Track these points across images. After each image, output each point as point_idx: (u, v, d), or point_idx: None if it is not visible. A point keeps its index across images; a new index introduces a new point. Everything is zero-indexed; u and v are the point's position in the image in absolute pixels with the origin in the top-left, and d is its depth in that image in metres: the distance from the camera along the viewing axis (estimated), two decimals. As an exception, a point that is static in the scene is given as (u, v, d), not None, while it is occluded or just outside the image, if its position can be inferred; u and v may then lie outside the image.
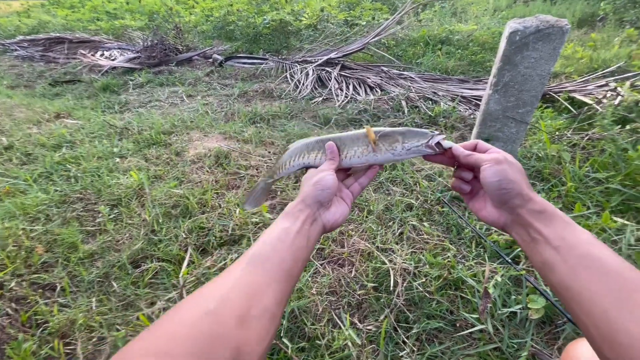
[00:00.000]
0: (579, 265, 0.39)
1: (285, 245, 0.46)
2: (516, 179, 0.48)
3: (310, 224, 0.50)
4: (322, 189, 0.53)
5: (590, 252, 0.39)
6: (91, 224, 1.43)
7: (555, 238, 0.42)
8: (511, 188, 0.48)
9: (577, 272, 0.39)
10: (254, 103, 2.89)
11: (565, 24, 1.33)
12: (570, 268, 0.40)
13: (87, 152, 1.95)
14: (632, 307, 0.34)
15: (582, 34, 4.57)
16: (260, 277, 0.41)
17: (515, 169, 0.49)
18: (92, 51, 4.61)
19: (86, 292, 1.14)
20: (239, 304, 0.37)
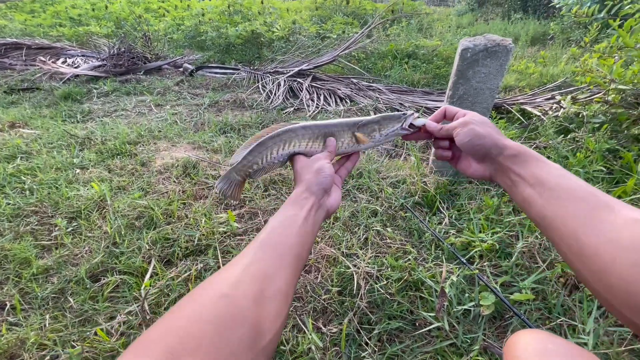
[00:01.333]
0: (551, 196, 0.44)
1: (293, 231, 0.48)
2: (486, 133, 0.54)
3: (315, 211, 0.53)
4: (325, 176, 0.57)
5: (560, 183, 0.45)
6: (47, 238, 1.37)
7: (531, 177, 0.48)
8: (483, 142, 0.54)
9: (550, 203, 0.44)
10: (224, 113, 2.88)
11: (509, 43, 1.46)
12: (545, 200, 0.45)
13: (45, 163, 1.86)
14: (595, 223, 0.39)
15: (534, 51, 4.96)
16: (271, 262, 0.43)
17: (482, 124, 0.55)
18: (53, 58, 4.41)
19: (39, 309, 1.08)
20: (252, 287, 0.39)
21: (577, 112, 1.97)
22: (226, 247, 1.32)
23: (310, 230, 0.51)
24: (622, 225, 0.37)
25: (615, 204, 0.40)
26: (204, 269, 1.21)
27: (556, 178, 0.45)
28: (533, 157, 0.50)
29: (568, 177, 0.45)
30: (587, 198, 0.41)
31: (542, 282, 1.10)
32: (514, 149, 0.52)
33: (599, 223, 0.38)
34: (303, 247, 0.48)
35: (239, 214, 1.52)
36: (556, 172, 0.47)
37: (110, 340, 0.96)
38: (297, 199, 0.53)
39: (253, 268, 0.41)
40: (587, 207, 0.40)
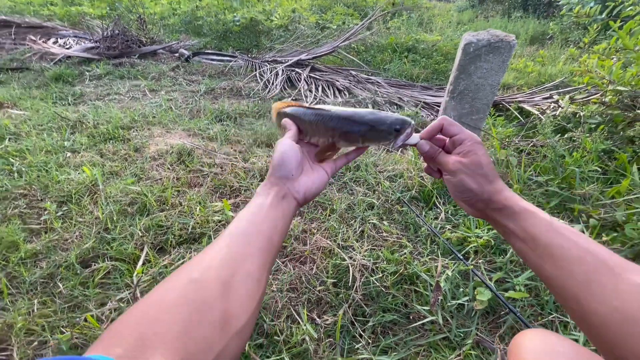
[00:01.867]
0: (544, 254, 0.41)
1: (260, 217, 0.47)
2: (474, 186, 0.49)
3: (282, 198, 0.50)
4: (279, 163, 0.52)
5: (552, 240, 0.41)
6: (36, 222, 1.34)
7: (520, 231, 0.45)
8: (470, 196, 0.50)
9: (544, 261, 0.41)
10: (221, 101, 2.83)
11: (513, 39, 1.45)
12: (538, 257, 0.42)
13: (34, 146, 1.81)
14: (596, 289, 0.36)
15: (533, 50, 4.96)
16: (240, 247, 0.42)
17: (475, 172, 0.49)
18: (43, 38, 4.27)
19: (27, 294, 1.06)
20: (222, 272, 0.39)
21: (574, 112, 1.97)
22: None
23: (281, 215, 0.49)
24: (627, 292, 0.34)
25: (615, 264, 0.37)
26: (198, 257, 1.20)
27: (548, 233, 0.42)
28: (523, 210, 0.46)
29: (560, 233, 0.42)
30: (584, 258, 0.38)
31: (535, 279, 1.11)
32: (501, 202, 0.48)
33: (601, 289, 0.36)
34: (274, 231, 0.47)
35: (234, 203, 1.50)
36: (547, 226, 0.43)
37: (101, 327, 0.95)
38: (262, 190, 0.52)
39: (222, 253, 0.41)
40: (585, 269, 0.38)
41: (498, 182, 0.49)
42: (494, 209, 0.48)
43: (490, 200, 0.48)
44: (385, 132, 0.53)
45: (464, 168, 0.49)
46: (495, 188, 0.49)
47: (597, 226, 1.26)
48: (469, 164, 0.49)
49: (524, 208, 0.46)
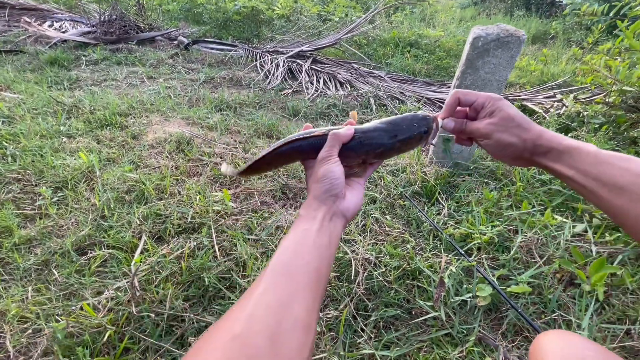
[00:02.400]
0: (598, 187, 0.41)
1: (307, 248, 0.42)
2: (512, 141, 0.48)
3: (329, 220, 0.46)
4: (331, 180, 0.48)
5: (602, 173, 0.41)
6: (30, 208, 1.30)
7: (569, 170, 0.44)
8: (513, 150, 0.49)
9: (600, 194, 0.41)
10: (220, 90, 2.78)
11: (523, 34, 1.42)
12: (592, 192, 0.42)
13: (29, 129, 1.76)
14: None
15: (535, 49, 4.95)
16: (286, 287, 0.38)
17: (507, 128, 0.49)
18: (38, 20, 4.16)
19: (21, 281, 1.03)
20: (267, 321, 0.34)
21: (578, 111, 1.97)
22: (221, 227, 1.28)
23: (327, 243, 0.44)
24: None
25: None
26: (198, 247, 1.17)
27: (596, 167, 0.41)
28: (567, 151, 0.45)
29: (609, 162, 0.41)
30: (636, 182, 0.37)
31: (538, 277, 1.10)
32: (544, 146, 0.47)
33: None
34: (321, 262, 0.42)
35: (234, 193, 1.48)
36: (593, 159, 0.42)
37: (97, 315, 0.92)
38: (307, 212, 0.47)
39: (266, 298, 0.36)
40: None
41: (534, 127, 0.49)
42: (540, 153, 0.48)
43: (534, 146, 0.48)
44: (416, 139, 0.53)
45: (497, 127, 0.49)
46: (535, 133, 0.48)
47: (601, 226, 1.26)
48: (499, 121, 0.49)
49: (568, 146, 0.45)
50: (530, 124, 0.49)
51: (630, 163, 0.39)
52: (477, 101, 0.52)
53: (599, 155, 0.42)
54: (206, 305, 1.01)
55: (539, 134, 0.48)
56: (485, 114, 0.51)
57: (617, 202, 0.38)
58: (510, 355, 0.91)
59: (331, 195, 0.48)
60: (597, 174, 0.41)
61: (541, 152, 0.47)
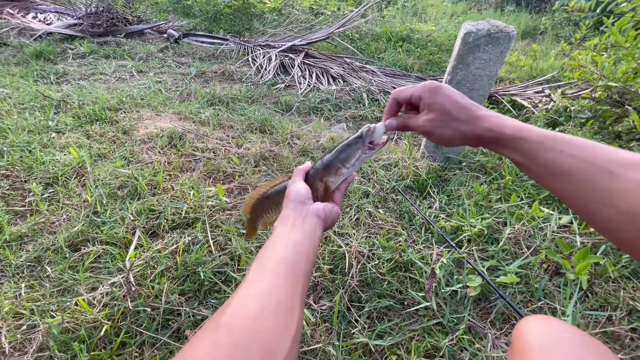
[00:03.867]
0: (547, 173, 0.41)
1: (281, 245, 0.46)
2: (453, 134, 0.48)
3: (302, 221, 0.50)
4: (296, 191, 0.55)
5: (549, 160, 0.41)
6: (20, 204, 1.28)
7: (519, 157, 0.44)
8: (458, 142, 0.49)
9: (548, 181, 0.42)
10: (212, 84, 2.76)
11: (512, 30, 1.44)
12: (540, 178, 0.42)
13: (15, 125, 1.73)
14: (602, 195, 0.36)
15: (525, 44, 5.01)
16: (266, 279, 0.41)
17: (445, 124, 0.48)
18: (22, 12, 4.04)
19: (14, 278, 1.02)
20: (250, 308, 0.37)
21: (565, 106, 2.01)
22: (215, 222, 1.28)
23: (302, 238, 0.48)
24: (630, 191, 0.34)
25: (616, 168, 0.35)
26: (192, 242, 1.18)
27: (543, 155, 0.41)
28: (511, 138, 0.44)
29: (556, 150, 0.40)
30: (583, 168, 0.38)
31: (526, 267, 1.14)
32: (487, 136, 0.46)
33: (606, 194, 0.35)
34: (298, 256, 0.45)
35: (228, 188, 1.48)
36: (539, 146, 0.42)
37: (93, 311, 0.93)
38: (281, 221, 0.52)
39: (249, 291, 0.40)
40: (587, 178, 0.37)
41: (475, 115, 0.47)
42: (486, 143, 0.47)
43: (477, 137, 0.47)
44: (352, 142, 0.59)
45: (435, 123, 0.48)
46: (476, 124, 0.47)
47: (585, 217, 1.30)
48: (436, 116, 0.48)
49: (512, 135, 0.44)
50: (470, 114, 0.47)
51: (575, 149, 0.39)
52: (413, 95, 0.52)
53: (545, 142, 0.41)
54: (202, 299, 1.02)
55: (480, 124, 0.46)
56: (424, 107, 0.50)
57: (565, 187, 0.39)
58: (498, 342, 0.95)
59: (299, 202, 0.53)
60: (544, 161, 0.41)
61: (486, 142, 0.47)
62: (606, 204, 0.35)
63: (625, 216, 0.33)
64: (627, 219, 0.33)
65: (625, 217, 0.33)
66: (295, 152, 1.80)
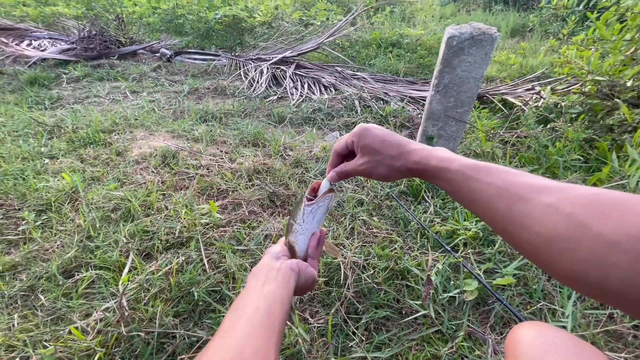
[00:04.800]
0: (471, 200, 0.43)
1: (255, 295, 0.49)
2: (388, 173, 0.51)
3: (276, 272, 0.54)
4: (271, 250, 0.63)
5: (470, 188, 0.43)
6: (13, 233, 1.28)
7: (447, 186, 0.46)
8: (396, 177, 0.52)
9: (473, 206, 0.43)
10: (205, 100, 2.78)
11: (495, 32, 1.46)
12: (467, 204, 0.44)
13: (9, 152, 1.74)
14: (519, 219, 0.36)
15: (514, 42, 5.04)
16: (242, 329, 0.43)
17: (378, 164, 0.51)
18: (16, 40, 4.11)
19: (7, 309, 1.01)
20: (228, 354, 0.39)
21: (556, 102, 2.01)
22: (209, 239, 1.27)
23: (275, 288, 0.51)
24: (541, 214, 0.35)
25: (527, 192, 0.37)
26: (186, 262, 1.17)
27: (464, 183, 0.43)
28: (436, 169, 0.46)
29: (475, 178, 0.42)
30: (501, 194, 0.39)
31: (523, 268, 1.13)
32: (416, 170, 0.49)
33: (522, 218, 0.37)
34: (272, 306, 0.47)
35: (221, 204, 1.48)
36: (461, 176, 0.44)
37: (86, 338, 0.92)
38: (254, 273, 0.56)
39: (225, 340, 0.42)
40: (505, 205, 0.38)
41: (405, 150, 0.50)
42: (417, 174, 0.49)
43: (408, 170, 0.50)
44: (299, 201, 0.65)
45: (368, 164, 0.52)
46: (406, 158, 0.49)
47: (581, 214, 1.29)
48: (368, 158, 0.52)
49: (436, 167, 0.46)
50: (400, 149, 0.50)
51: (491, 176, 0.41)
52: (347, 143, 0.56)
53: (466, 172, 0.43)
54: (197, 319, 1.01)
55: (409, 158, 0.49)
56: (358, 151, 0.54)
57: (486, 213, 0.41)
58: (499, 347, 0.93)
59: (273, 257, 0.60)
60: (467, 190, 0.43)
61: (417, 173, 0.49)
62: (522, 228, 0.36)
63: (542, 238, 0.34)
64: (543, 241, 0.34)
65: (542, 239, 0.34)
66: (288, 163, 1.80)
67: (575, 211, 0.32)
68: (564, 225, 0.32)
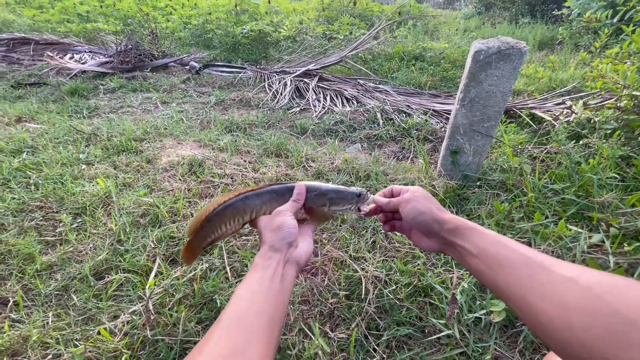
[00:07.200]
0: (494, 264, 0.45)
1: (261, 296, 0.46)
2: (426, 209, 0.57)
3: (283, 267, 0.51)
4: (288, 229, 0.55)
5: (499, 251, 0.46)
6: (51, 234, 1.36)
7: (473, 247, 0.49)
8: (425, 219, 0.56)
9: (495, 272, 0.44)
10: (230, 111, 2.87)
11: (524, 46, 1.43)
12: (490, 269, 0.45)
13: (50, 158, 1.86)
14: (540, 288, 0.38)
15: (542, 55, 4.92)
16: (239, 337, 0.40)
17: (424, 199, 0.59)
18: (60, 54, 4.42)
19: (42, 307, 1.07)
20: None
21: (588, 117, 1.94)
22: (232, 247, 1.30)
23: (280, 289, 0.48)
24: (562, 285, 0.37)
25: (550, 264, 0.40)
26: (210, 269, 1.20)
27: (494, 246, 0.47)
28: (470, 228, 0.52)
29: (504, 244, 0.46)
30: (526, 263, 0.42)
31: (555, 291, 1.07)
32: (452, 222, 0.54)
33: (542, 287, 0.38)
34: (275, 310, 0.45)
35: (244, 213, 1.50)
36: (492, 239, 0.48)
37: (114, 340, 0.95)
38: (262, 260, 0.51)
39: (218, 348, 0.38)
40: (529, 273, 0.41)
41: (444, 210, 0.58)
42: (448, 229, 0.54)
43: (443, 221, 0.55)
44: (348, 195, 0.65)
45: (414, 197, 0.60)
46: (444, 213, 0.57)
47: (618, 235, 1.22)
48: (417, 194, 0.61)
49: (471, 227, 0.52)
50: (441, 209, 0.59)
51: (516, 244, 0.45)
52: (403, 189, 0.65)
53: (497, 237, 0.48)
54: (218, 327, 1.02)
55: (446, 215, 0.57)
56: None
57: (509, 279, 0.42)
58: (529, 374, 0.88)
59: (286, 243, 0.54)
60: (494, 253, 0.46)
61: (448, 228, 0.54)
62: (543, 297, 0.37)
63: (559, 310, 0.35)
64: (560, 313, 0.35)
65: (559, 310, 0.35)
66: (310, 174, 1.81)
67: (594, 286, 0.34)
68: (582, 297, 0.34)
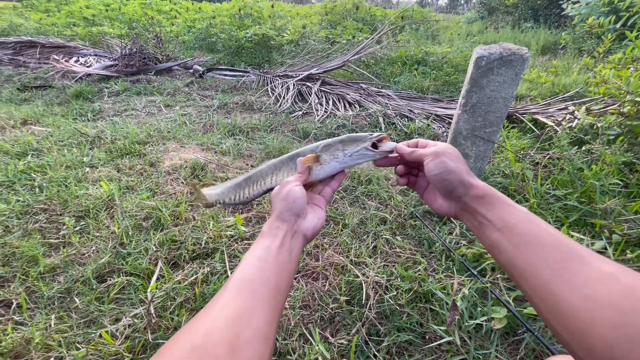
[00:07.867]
0: (520, 243, 0.41)
1: (268, 264, 0.45)
2: (456, 169, 0.51)
3: (290, 237, 0.51)
4: (294, 200, 0.53)
5: (529, 229, 0.42)
6: (55, 237, 1.37)
7: (498, 220, 0.45)
8: (452, 178, 0.50)
9: (520, 250, 0.41)
10: (233, 115, 2.89)
11: (526, 52, 1.44)
12: (514, 247, 0.42)
13: (55, 161, 1.87)
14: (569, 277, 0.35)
15: (545, 60, 4.92)
16: (247, 301, 0.40)
17: (454, 158, 0.52)
18: (66, 57, 4.47)
19: (45, 309, 1.08)
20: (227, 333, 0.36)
21: (591, 123, 1.93)
22: (233, 251, 1.30)
23: (287, 259, 0.48)
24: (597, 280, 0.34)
25: (587, 254, 0.37)
26: (211, 272, 1.20)
27: (525, 223, 0.43)
28: (501, 200, 0.47)
29: (536, 223, 0.42)
30: (558, 246, 0.38)
31: (557, 298, 1.06)
32: (481, 189, 0.49)
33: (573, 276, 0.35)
34: (281, 278, 0.45)
35: (246, 217, 1.51)
36: (524, 216, 0.44)
37: (115, 343, 0.95)
38: (269, 230, 0.51)
39: (226, 310, 0.38)
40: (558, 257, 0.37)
41: (473, 175, 0.51)
42: (474, 196, 0.49)
43: (471, 185, 0.49)
44: (360, 137, 0.61)
45: (445, 152, 0.53)
46: (473, 178, 0.51)
47: (621, 242, 1.21)
48: (449, 150, 0.53)
49: (501, 199, 0.47)
50: (470, 172, 0.52)
51: (551, 227, 0.41)
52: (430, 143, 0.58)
53: (529, 215, 0.43)
54: (219, 331, 1.02)
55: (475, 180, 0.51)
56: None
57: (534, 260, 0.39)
58: (530, 382, 0.88)
59: (293, 214, 0.52)
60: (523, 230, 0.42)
61: (475, 195, 0.49)
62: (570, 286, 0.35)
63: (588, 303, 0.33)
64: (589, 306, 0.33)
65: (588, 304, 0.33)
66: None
67: (637, 286, 0.31)
68: (620, 295, 0.31)
